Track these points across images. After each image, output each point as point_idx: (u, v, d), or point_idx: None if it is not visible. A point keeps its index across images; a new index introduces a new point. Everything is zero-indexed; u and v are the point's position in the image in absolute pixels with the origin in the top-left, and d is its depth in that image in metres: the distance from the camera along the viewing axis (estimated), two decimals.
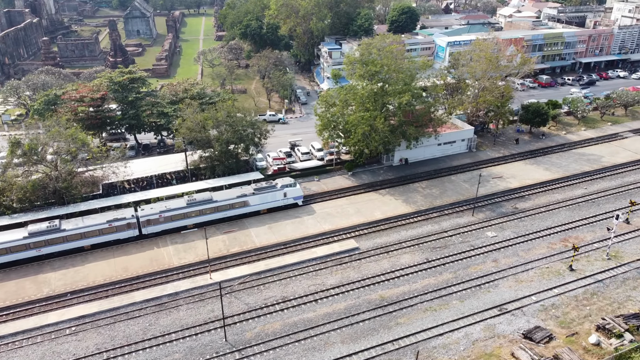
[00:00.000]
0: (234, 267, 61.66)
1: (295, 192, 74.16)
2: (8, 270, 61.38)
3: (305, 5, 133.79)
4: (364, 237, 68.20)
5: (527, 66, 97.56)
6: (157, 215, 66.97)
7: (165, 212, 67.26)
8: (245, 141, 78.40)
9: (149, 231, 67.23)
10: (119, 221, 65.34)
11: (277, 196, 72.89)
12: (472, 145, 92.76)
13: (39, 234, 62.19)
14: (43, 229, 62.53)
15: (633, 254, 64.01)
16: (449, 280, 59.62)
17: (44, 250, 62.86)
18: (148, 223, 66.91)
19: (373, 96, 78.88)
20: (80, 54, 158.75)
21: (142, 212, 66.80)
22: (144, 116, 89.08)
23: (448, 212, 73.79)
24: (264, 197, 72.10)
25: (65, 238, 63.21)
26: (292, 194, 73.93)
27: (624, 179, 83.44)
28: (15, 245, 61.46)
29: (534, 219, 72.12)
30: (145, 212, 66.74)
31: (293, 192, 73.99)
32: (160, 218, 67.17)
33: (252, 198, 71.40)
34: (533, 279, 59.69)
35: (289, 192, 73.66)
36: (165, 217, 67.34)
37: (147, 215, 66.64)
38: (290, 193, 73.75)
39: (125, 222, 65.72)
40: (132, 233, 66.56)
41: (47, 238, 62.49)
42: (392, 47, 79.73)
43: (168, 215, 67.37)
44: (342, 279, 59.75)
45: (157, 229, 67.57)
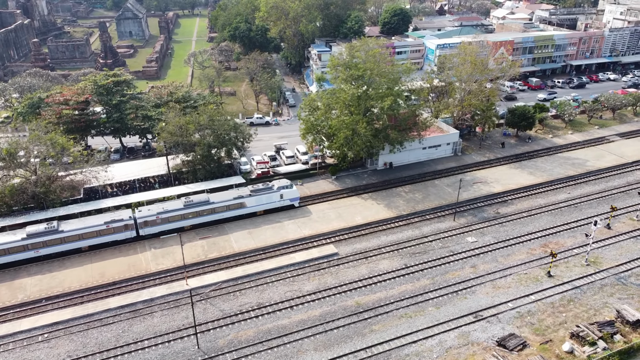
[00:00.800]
0: (211, 273, 61.41)
1: (291, 193, 74.54)
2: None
3: (295, 8, 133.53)
4: (343, 242, 67.98)
5: (513, 70, 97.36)
6: (154, 217, 67.46)
7: (162, 213, 67.71)
8: (227, 145, 78.13)
9: (146, 232, 67.60)
10: (117, 222, 65.76)
11: (274, 198, 73.32)
12: (457, 149, 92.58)
13: (37, 235, 62.61)
14: (41, 230, 62.93)
15: (612, 260, 63.84)
16: (426, 287, 59.41)
17: (42, 252, 63.30)
18: (145, 224, 67.38)
19: (356, 100, 78.69)
20: (70, 55, 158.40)
21: (139, 213, 67.27)
22: (128, 119, 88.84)
23: (429, 217, 73.58)
24: (260, 199, 72.52)
25: (63, 239, 63.71)
26: (288, 195, 74.33)
27: (607, 183, 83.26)
28: (14, 247, 61.94)
29: (515, 224, 71.92)
30: (142, 214, 67.16)
31: (289, 193, 74.35)
32: (157, 219, 67.66)
33: (249, 200, 71.76)
34: (510, 285, 59.49)
35: (286, 193, 74.06)
36: (162, 218, 67.78)
37: (144, 217, 67.08)
38: (286, 195, 74.14)
39: (123, 223, 66.09)
40: (129, 234, 66.95)
41: (45, 239, 62.93)
42: (375, 51, 79.47)
43: (165, 216, 67.81)
44: (319, 285, 59.53)
45: (155, 230, 68.03)
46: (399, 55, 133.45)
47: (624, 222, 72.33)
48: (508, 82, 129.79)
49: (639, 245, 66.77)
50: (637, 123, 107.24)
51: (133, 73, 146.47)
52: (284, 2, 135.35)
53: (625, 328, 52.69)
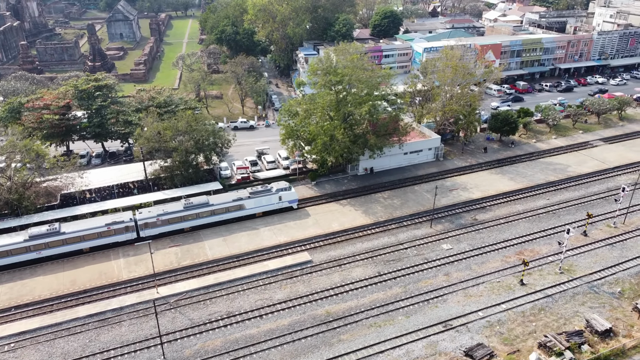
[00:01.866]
0: (183, 281, 61.17)
1: (290, 195, 75.17)
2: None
3: (283, 11, 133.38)
4: (318, 249, 67.76)
5: (494, 74, 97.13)
6: (154, 219, 68.27)
7: (162, 215, 68.53)
8: (205, 151, 77.92)
9: (146, 234, 68.30)
10: (118, 224, 66.57)
11: (273, 199, 74.08)
12: (439, 154, 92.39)
13: (40, 236, 63.35)
14: (43, 232, 63.69)
15: (586, 268, 63.69)
16: (397, 295, 59.21)
17: (44, 253, 63.98)
18: (146, 226, 68.17)
19: (335, 106, 78.51)
20: (59, 58, 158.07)
21: (139, 215, 68.16)
22: (108, 124, 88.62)
23: (407, 224, 73.38)
24: (259, 201, 73.26)
25: (65, 241, 64.47)
26: (287, 197, 75.00)
27: (587, 189, 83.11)
28: (16, 248, 62.59)
29: (492, 231, 71.75)
30: (143, 216, 68.02)
31: (288, 195, 75.04)
32: (157, 221, 68.50)
33: (248, 201, 72.53)
34: (482, 294, 59.31)
35: (284, 195, 74.71)
36: (163, 220, 68.62)
37: (144, 219, 67.91)
38: (285, 196, 74.82)
39: (124, 225, 66.88)
40: (130, 236, 67.68)
41: (47, 241, 63.65)
42: (354, 56, 79.28)
43: (165, 218, 68.62)
44: (290, 294, 59.32)
45: (155, 232, 68.72)
46: (387, 58, 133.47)
47: (601, 229, 72.18)
48: (495, 86, 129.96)
49: (614, 253, 66.64)
50: (622, 128, 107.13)
51: (121, 76, 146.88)
52: (272, 5, 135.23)
53: (594, 338, 52.53)
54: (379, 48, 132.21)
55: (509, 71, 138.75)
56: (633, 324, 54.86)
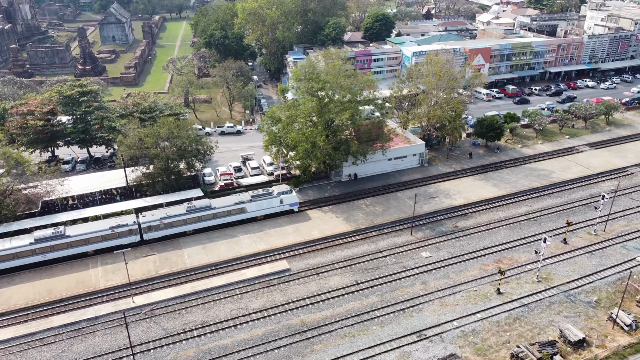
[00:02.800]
0: (160, 290, 61.14)
1: (291, 199, 75.94)
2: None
3: (272, 15, 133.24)
4: (297, 257, 67.75)
5: (479, 80, 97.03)
6: (157, 222, 69.26)
7: (165, 218, 69.62)
8: (186, 158, 77.88)
9: (150, 237, 69.48)
10: (121, 227, 67.63)
11: (274, 203, 74.89)
12: (424, 160, 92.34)
13: (45, 239, 64.34)
14: (48, 235, 64.69)
15: (564, 276, 63.68)
16: (374, 304, 59.18)
17: (49, 256, 64.97)
18: (149, 229, 69.14)
19: (318, 112, 78.48)
20: (50, 61, 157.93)
21: (143, 218, 69.18)
22: (92, 130, 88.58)
23: (387, 231, 73.34)
24: (261, 204, 74.10)
25: (70, 244, 65.47)
26: (288, 200, 75.75)
27: (570, 195, 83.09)
28: (22, 251, 63.57)
29: (472, 239, 71.72)
30: (146, 219, 69.05)
31: (289, 199, 75.82)
32: (160, 224, 69.47)
33: (250, 205, 73.45)
34: (459, 303, 59.29)
35: (285, 199, 75.48)
36: (166, 223, 69.69)
37: (148, 222, 68.91)
38: (286, 200, 75.58)
39: (127, 228, 67.92)
40: (133, 239, 68.67)
41: (53, 244, 64.66)
42: (335, 63, 79.23)
43: (168, 221, 69.73)
44: (266, 303, 59.30)
45: (158, 235, 69.86)
46: (376, 62, 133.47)
47: (582, 236, 72.17)
48: (484, 90, 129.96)
49: (593, 261, 66.63)
50: (608, 132, 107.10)
51: (111, 79, 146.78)
52: (261, 9, 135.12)
53: (567, 348, 52.56)
54: (368, 52, 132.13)
55: (498, 75, 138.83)
56: (607, 333, 54.87)
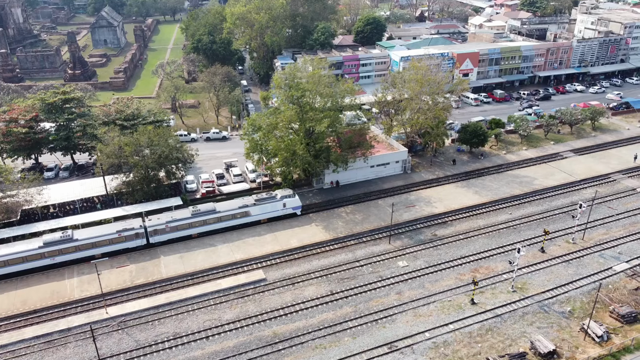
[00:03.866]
0: (134, 301, 61.13)
1: (293, 202, 77.16)
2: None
3: (260, 19, 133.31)
4: (274, 267, 67.74)
5: (461, 86, 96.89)
6: (163, 225, 70.48)
7: (171, 222, 70.85)
8: (166, 166, 77.89)
9: (156, 240, 70.78)
10: (128, 231, 68.87)
11: (277, 206, 76.11)
12: (407, 167, 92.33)
13: (53, 243, 65.71)
14: (57, 239, 66.00)
15: (539, 286, 63.68)
16: (347, 315, 59.18)
17: (58, 259, 66.31)
18: (155, 233, 70.45)
19: (298, 120, 78.47)
20: (40, 65, 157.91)
21: (149, 222, 70.37)
22: (74, 138, 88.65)
23: (366, 240, 73.33)
24: (264, 208, 75.38)
25: (78, 247, 66.88)
26: (290, 204, 76.93)
27: (551, 203, 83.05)
28: (31, 255, 64.94)
29: (450, 247, 71.71)
30: (152, 223, 70.30)
31: (292, 202, 77.02)
32: (166, 228, 70.71)
33: (253, 208, 74.69)
34: (432, 313, 59.29)
35: (288, 202, 76.68)
36: (171, 227, 70.87)
37: (154, 226, 70.18)
38: (289, 203, 76.76)
39: (134, 232, 69.15)
40: (140, 242, 70.05)
41: (61, 247, 65.99)
42: (315, 71, 79.25)
43: (174, 225, 70.91)
44: (239, 314, 59.30)
45: (164, 238, 71.20)
46: (364, 67, 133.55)
47: (560, 245, 72.17)
48: (472, 95, 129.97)
49: (569, 270, 66.64)
50: (594, 138, 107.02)
51: (100, 84, 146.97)
52: (250, 14, 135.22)
53: None
54: (356, 57, 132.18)
55: (487, 79, 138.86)
56: (578, 345, 54.90)
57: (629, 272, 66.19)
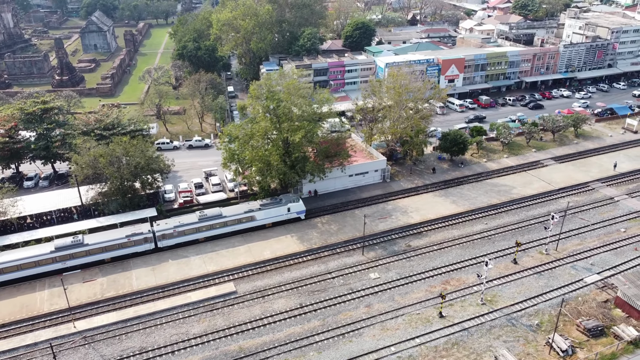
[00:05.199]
0: (103, 314, 61.20)
1: (298, 207, 78.81)
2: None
3: (246, 26, 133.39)
4: (245, 279, 67.81)
5: (439, 95, 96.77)
6: (171, 230, 72.38)
7: (178, 227, 72.77)
8: (141, 177, 77.96)
9: (164, 244, 72.64)
10: (137, 236, 70.75)
11: (282, 211, 77.81)
12: (386, 176, 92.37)
13: (65, 248, 67.45)
14: (68, 244, 67.83)
15: (509, 299, 63.71)
16: (315, 329, 59.23)
17: (69, 263, 68.17)
18: (163, 237, 72.17)
19: (273, 131, 78.50)
20: (28, 71, 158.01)
21: (157, 227, 72.34)
22: (53, 147, 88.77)
23: (339, 251, 73.38)
24: (269, 212, 76.99)
25: (88, 252, 68.58)
26: (295, 208, 78.59)
27: (528, 212, 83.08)
28: (44, 259, 66.73)
29: (423, 259, 71.75)
30: (160, 227, 72.23)
31: (296, 207, 78.67)
32: (174, 232, 72.59)
33: (259, 213, 76.44)
34: (399, 327, 59.34)
35: (293, 207, 78.33)
36: (179, 231, 72.82)
37: (162, 230, 72.01)
38: (293, 208, 78.40)
39: (143, 236, 70.94)
40: (148, 246, 71.84)
41: (72, 252, 67.76)
42: (291, 82, 79.29)
43: (181, 229, 72.90)
44: (207, 328, 59.36)
45: (172, 242, 73.01)
46: (350, 73, 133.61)
47: (533, 256, 72.21)
48: (457, 101, 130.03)
49: (540, 282, 66.68)
50: (576, 145, 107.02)
51: (87, 90, 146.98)
52: (236, 20, 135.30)
53: None
54: (342, 63, 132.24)
55: (473, 85, 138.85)
56: (543, 359, 54.91)
57: (599, 284, 66.24)
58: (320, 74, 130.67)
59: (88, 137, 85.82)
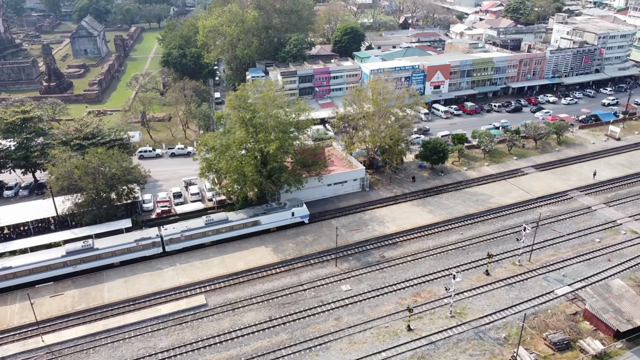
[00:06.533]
0: (72, 328, 61.36)
1: (302, 211, 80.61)
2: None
3: (231, 32, 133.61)
4: (217, 291, 67.96)
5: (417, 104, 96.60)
6: (178, 234, 73.99)
7: (186, 231, 74.39)
8: (117, 188, 78.13)
9: (171, 248, 74.42)
10: (145, 240, 72.52)
11: (286, 215, 79.46)
12: (365, 185, 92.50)
13: (75, 252, 69.31)
14: (78, 248, 69.65)
15: (478, 311, 63.84)
16: (282, 342, 59.37)
17: (79, 267, 69.94)
18: (171, 241, 73.95)
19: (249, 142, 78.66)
20: (16, 77, 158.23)
21: (165, 231, 74.12)
22: (32, 157, 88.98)
23: (313, 262, 73.51)
24: (274, 217, 78.73)
25: (98, 256, 70.44)
26: (299, 213, 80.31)
27: (504, 222, 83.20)
28: (55, 263, 68.61)
29: (396, 270, 71.87)
30: (168, 232, 74.09)
31: (300, 211, 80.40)
32: (181, 237, 74.17)
33: (264, 217, 78.02)
34: (367, 341, 59.47)
35: (297, 211, 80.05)
36: (186, 236, 74.39)
37: (169, 235, 73.81)
38: (297, 212, 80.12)
39: (151, 240, 72.77)
40: (156, 250, 73.58)
41: (82, 256, 69.69)
42: (265, 93, 79.45)
43: (188, 234, 74.49)
44: (175, 341, 59.52)
45: (179, 247, 74.78)
46: (335, 79, 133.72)
47: (505, 267, 72.34)
48: (442, 107, 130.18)
49: (511, 294, 66.81)
50: (558, 153, 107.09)
51: (75, 96, 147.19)
52: (221, 26, 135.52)
53: None
54: (327, 70, 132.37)
55: (459, 91, 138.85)
56: None
57: (569, 296, 66.38)
58: (305, 81, 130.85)
59: (67, 147, 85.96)
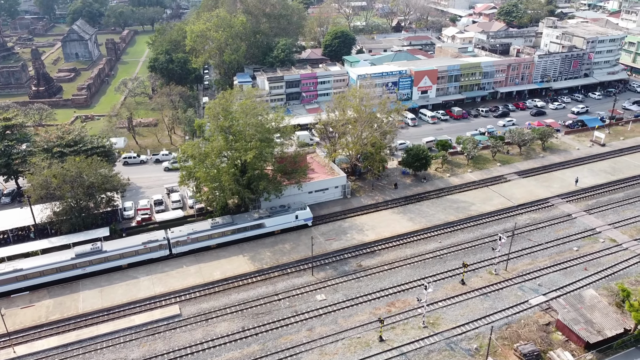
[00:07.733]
0: (44, 339, 61.40)
1: (305, 214, 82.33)
2: None
3: (219, 37, 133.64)
4: (192, 301, 68.01)
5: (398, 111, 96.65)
6: (185, 237, 75.59)
7: (192, 234, 76.02)
8: (95, 196, 78.21)
9: (178, 251, 75.98)
10: (153, 243, 74.04)
11: (290, 218, 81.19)
12: (347, 192, 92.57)
13: (85, 255, 70.99)
14: (88, 251, 71.34)
15: (451, 321, 63.88)
16: (254, 353, 59.43)
17: (89, 269, 71.50)
18: (177, 244, 75.49)
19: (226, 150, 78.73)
20: (6, 82, 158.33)
21: (172, 234, 75.69)
22: (13, 165, 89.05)
23: (290, 271, 73.54)
24: (278, 219, 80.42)
25: (107, 258, 72.01)
26: (302, 216, 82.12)
27: (483, 230, 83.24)
28: (65, 265, 70.12)
29: (372, 279, 71.92)
30: (174, 235, 75.60)
31: (304, 214, 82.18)
32: (187, 239, 75.77)
33: (268, 220, 79.83)
34: (338, 352, 59.52)
35: (300, 214, 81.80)
36: (192, 238, 76.03)
37: (176, 237, 75.38)
38: (301, 215, 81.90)
39: (158, 243, 74.32)
40: (163, 253, 75.17)
41: (91, 258, 71.26)
42: (245, 101, 79.54)
43: (195, 236, 76.11)
44: (146, 352, 59.57)
45: (185, 249, 76.31)
46: (322, 84, 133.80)
47: (482, 276, 72.39)
48: (429, 112, 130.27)
49: (486, 304, 66.85)
50: (542, 159, 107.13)
51: (63, 101, 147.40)
52: (209, 31, 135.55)
53: None
54: (314, 75, 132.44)
55: (447, 96, 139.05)
56: None
57: (543, 306, 66.42)
58: (292, 86, 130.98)
59: (48, 154, 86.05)
